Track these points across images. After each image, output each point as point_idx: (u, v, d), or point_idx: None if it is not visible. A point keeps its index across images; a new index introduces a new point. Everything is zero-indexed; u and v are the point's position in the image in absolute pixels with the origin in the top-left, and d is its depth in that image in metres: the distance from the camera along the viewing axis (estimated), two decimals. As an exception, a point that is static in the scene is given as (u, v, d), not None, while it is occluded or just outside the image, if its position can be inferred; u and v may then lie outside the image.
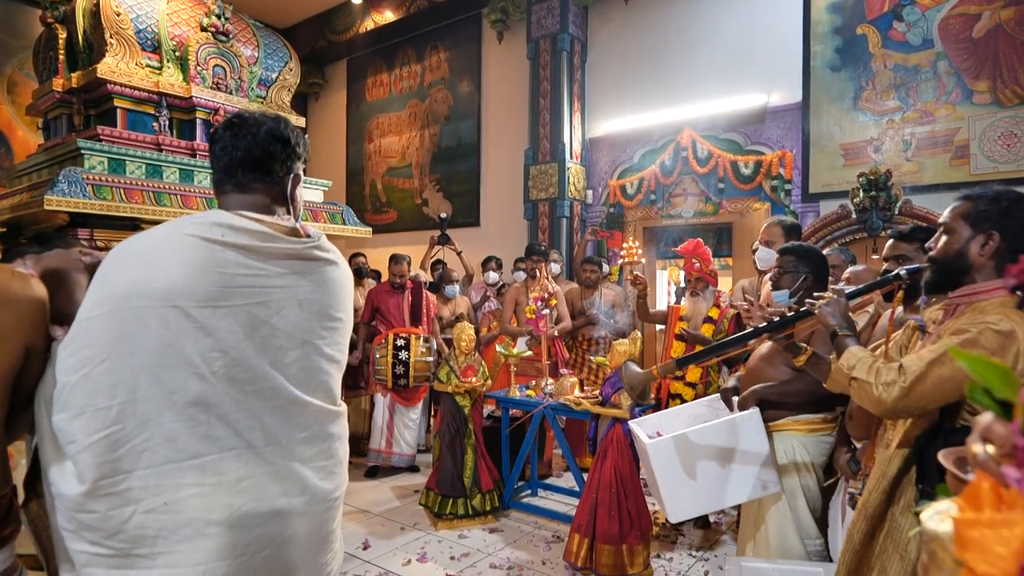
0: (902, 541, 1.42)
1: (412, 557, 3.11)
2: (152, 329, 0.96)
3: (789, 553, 2.13)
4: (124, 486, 0.95)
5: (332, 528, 1.17)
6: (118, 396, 0.95)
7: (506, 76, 6.60)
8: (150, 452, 0.96)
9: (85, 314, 0.98)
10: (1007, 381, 0.37)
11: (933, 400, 1.33)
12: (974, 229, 1.36)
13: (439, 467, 3.60)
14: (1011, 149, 4.10)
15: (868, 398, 1.41)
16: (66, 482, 0.94)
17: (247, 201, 1.13)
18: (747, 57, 5.11)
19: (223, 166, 1.13)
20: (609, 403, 3.13)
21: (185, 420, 0.97)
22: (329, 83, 8.46)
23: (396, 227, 7.54)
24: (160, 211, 3.76)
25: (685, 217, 5.42)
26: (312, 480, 1.11)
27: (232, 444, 1.01)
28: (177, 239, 1.02)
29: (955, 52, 4.28)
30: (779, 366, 2.27)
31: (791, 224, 3.02)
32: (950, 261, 1.40)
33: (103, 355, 0.95)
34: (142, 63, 4.08)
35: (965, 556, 0.37)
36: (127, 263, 1.01)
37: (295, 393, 1.08)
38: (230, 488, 1.00)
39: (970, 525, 0.37)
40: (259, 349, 1.04)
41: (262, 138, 1.13)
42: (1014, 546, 0.35)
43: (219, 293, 1.00)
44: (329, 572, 1.19)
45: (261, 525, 1.03)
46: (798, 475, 2.17)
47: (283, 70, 4.92)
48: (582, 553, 2.87)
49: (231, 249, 1.03)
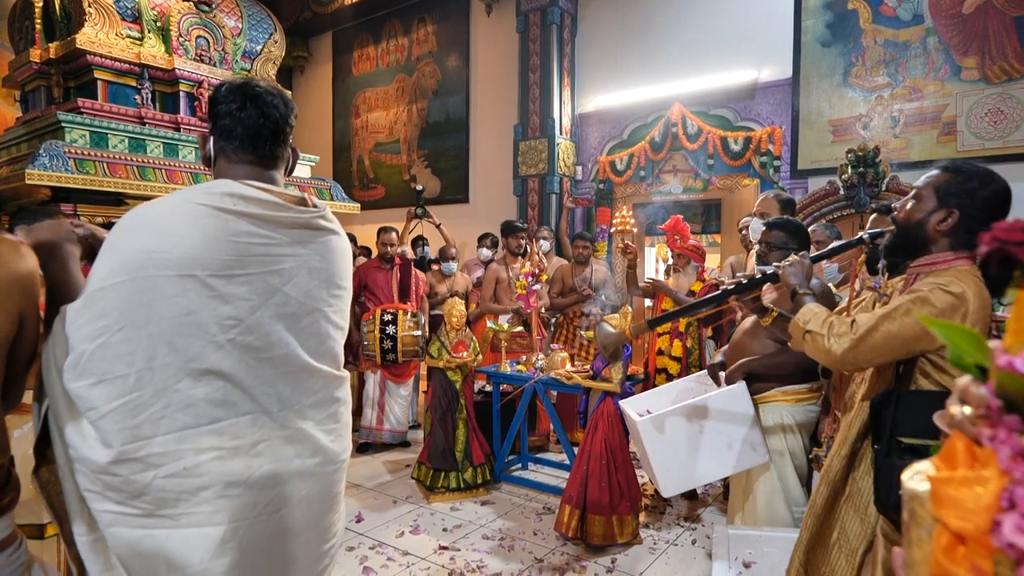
0: (862, 504, 1.47)
1: (405, 529, 3.17)
2: (169, 298, 0.97)
3: (777, 521, 2.20)
4: (144, 452, 0.97)
5: (339, 489, 1.22)
6: (136, 364, 0.96)
7: (495, 50, 6.50)
8: (168, 418, 0.98)
9: (99, 283, 0.98)
10: (979, 347, 0.39)
11: (881, 354, 1.36)
12: (939, 202, 1.38)
13: (431, 441, 3.64)
14: (997, 126, 4.13)
15: (820, 349, 1.45)
16: (89, 447, 0.96)
17: (256, 172, 1.14)
18: (738, 32, 5.08)
19: (237, 135, 1.12)
20: (600, 377, 3.17)
21: (203, 386, 1.00)
22: (314, 56, 8.30)
23: (384, 203, 7.49)
24: (144, 186, 3.70)
25: (674, 193, 5.43)
26: (324, 442, 1.15)
27: (248, 409, 1.05)
28: (190, 209, 1.02)
29: (945, 28, 4.28)
30: (763, 340, 2.32)
31: (787, 199, 3.04)
32: (910, 229, 1.42)
33: (120, 324, 0.96)
34: (122, 33, 3.98)
35: (940, 512, 0.39)
36: (140, 232, 1.01)
37: (306, 359, 1.11)
38: (247, 451, 1.04)
39: (945, 483, 0.39)
40: (274, 316, 1.07)
41: (285, 111, 1.15)
42: (986, 501, 0.37)
43: (235, 262, 1.02)
44: (336, 531, 1.24)
45: (278, 486, 1.07)
46: (786, 444, 2.23)
47: (268, 42, 4.82)
48: (573, 524, 2.93)
49: (243, 219, 1.04)
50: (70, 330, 0.98)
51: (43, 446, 1.02)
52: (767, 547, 2.11)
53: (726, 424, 2.21)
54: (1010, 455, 0.37)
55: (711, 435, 2.20)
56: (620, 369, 3.11)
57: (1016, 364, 0.37)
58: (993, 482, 0.37)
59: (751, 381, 2.26)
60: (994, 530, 0.37)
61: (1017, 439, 0.38)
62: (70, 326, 0.98)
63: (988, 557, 0.37)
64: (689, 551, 2.95)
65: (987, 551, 0.37)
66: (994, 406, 0.39)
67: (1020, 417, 0.38)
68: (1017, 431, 0.38)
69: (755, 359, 2.28)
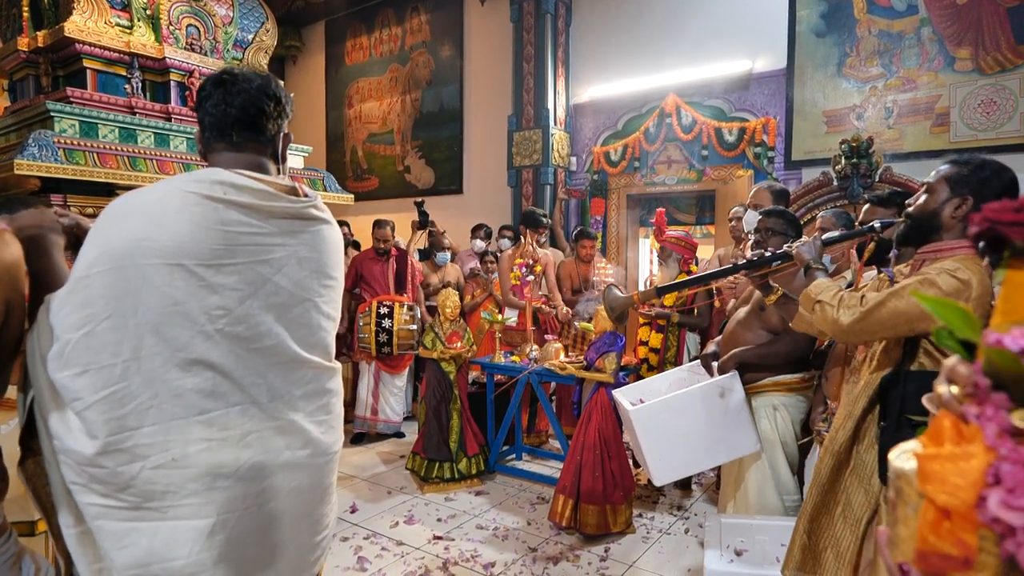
0: (866, 475, 1.51)
1: (400, 519, 3.18)
2: (157, 287, 0.96)
3: (768, 509, 2.22)
4: (131, 443, 0.96)
5: (331, 481, 1.21)
6: (122, 354, 0.95)
7: (489, 40, 6.46)
8: (156, 409, 0.97)
9: (85, 270, 0.96)
10: (968, 322, 0.39)
11: (886, 329, 1.42)
12: (952, 192, 1.43)
13: (425, 432, 3.65)
14: (990, 117, 4.14)
15: (828, 319, 1.51)
16: (74, 438, 0.95)
17: (242, 160, 1.12)
18: (733, 22, 5.06)
19: (215, 124, 1.11)
20: (593, 367, 3.18)
21: (191, 377, 0.99)
22: (307, 46, 8.22)
23: (378, 194, 7.45)
24: (135, 176, 3.67)
25: (668, 184, 5.43)
26: (314, 434, 1.14)
27: (238, 400, 1.04)
28: (179, 196, 1.01)
29: (939, 18, 4.28)
30: (756, 330, 2.33)
31: (780, 189, 3.05)
32: (924, 218, 1.47)
33: (106, 312, 0.95)
34: (111, 22, 3.93)
35: (927, 488, 0.40)
36: (128, 219, 0.99)
37: (296, 350, 1.11)
38: (237, 442, 1.03)
39: (932, 459, 0.40)
40: (263, 307, 1.06)
41: (255, 95, 1.11)
42: (971, 477, 0.38)
43: (224, 251, 1.01)
44: (328, 523, 1.23)
45: (268, 477, 1.06)
46: (777, 432, 2.24)
47: (259, 31, 4.77)
48: (567, 513, 2.95)
49: (234, 208, 1.03)
50: (55, 319, 0.96)
51: (29, 438, 1.01)
52: (759, 535, 2.13)
53: (718, 413, 2.22)
54: (996, 431, 0.38)
55: (703, 424, 2.21)
56: (614, 360, 3.12)
57: (1005, 341, 0.37)
58: (979, 458, 0.38)
59: (743, 371, 2.28)
60: (979, 505, 0.37)
61: (1003, 416, 0.38)
62: (55, 315, 0.97)
63: (973, 532, 0.38)
64: (682, 540, 2.97)
65: (972, 526, 0.38)
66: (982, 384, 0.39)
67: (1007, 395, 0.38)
68: (1004, 408, 0.38)
69: (748, 349, 2.29)
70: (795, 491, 2.25)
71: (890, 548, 0.45)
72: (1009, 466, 0.37)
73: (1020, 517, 0.35)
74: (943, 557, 0.39)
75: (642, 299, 2.12)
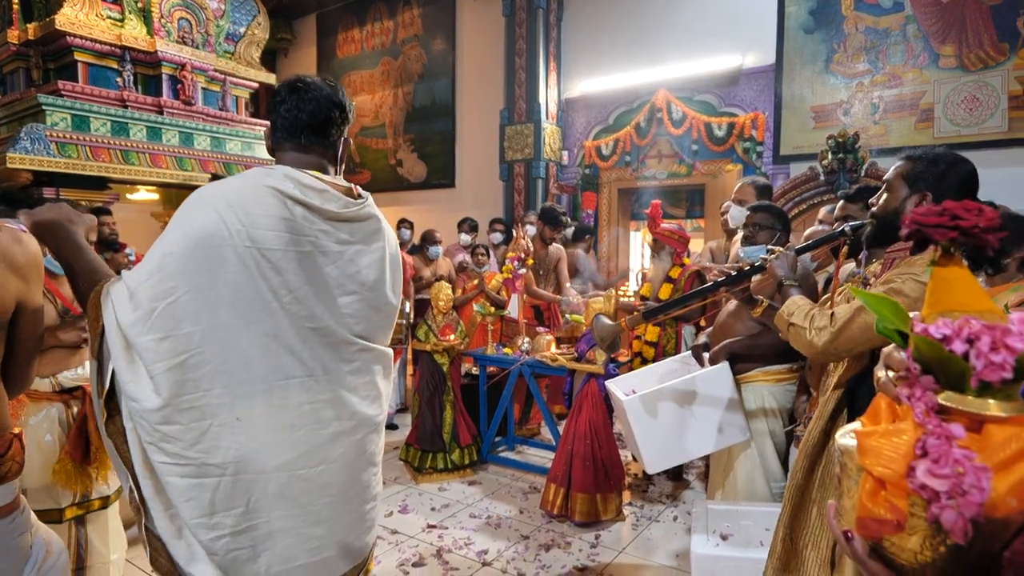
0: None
1: (394, 509, 3.23)
2: (231, 266, 1.08)
3: (757, 496, 2.28)
4: (203, 402, 1.08)
5: (374, 449, 1.34)
6: (201, 323, 1.06)
7: (481, 34, 6.48)
8: (227, 373, 1.09)
9: (168, 248, 1.08)
10: (898, 314, 0.44)
11: (859, 344, 1.45)
12: (911, 188, 1.44)
13: (419, 423, 3.70)
14: (973, 113, 4.22)
15: (802, 342, 1.54)
16: (147, 398, 1.06)
17: (307, 161, 1.23)
18: (723, 18, 5.11)
19: (287, 127, 1.23)
20: (584, 359, 3.24)
21: (258, 348, 1.11)
22: (298, 39, 8.20)
23: (370, 188, 7.34)
24: (128, 169, 3.68)
25: (659, 178, 5.49)
26: (359, 406, 1.26)
27: (297, 373, 1.15)
28: (255, 188, 1.13)
29: (924, 15, 4.35)
30: (747, 321, 2.38)
31: (764, 185, 3.11)
32: (888, 218, 1.49)
33: (187, 286, 1.06)
34: (103, 15, 3.92)
35: (865, 462, 0.45)
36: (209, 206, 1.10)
37: (345, 334, 1.22)
38: (293, 411, 1.15)
39: (869, 436, 0.45)
40: (317, 293, 1.17)
41: (324, 103, 1.22)
42: (903, 450, 0.43)
43: (289, 239, 1.12)
44: (374, 492, 1.35)
45: (318, 444, 1.18)
46: (766, 421, 2.30)
47: (251, 24, 4.77)
48: (558, 502, 3.02)
49: (298, 203, 1.14)
50: (139, 289, 1.06)
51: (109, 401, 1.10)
52: (744, 520, 2.20)
53: (709, 403, 2.27)
54: (924, 410, 0.43)
55: (695, 414, 2.26)
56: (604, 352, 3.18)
57: (930, 330, 0.43)
58: (909, 433, 0.43)
59: (734, 361, 2.33)
60: (910, 475, 0.43)
61: (930, 396, 0.43)
62: (139, 286, 1.06)
63: (904, 498, 0.43)
64: (671, 527, 3.04)
65: (904, 493, 0.43)
66: (912, 368, 0.44)
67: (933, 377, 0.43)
68: (930, 389, 0.43)
69: (738, 340, 2.35)
70: (782, 478, 2.32)
71: (837, 519, 0.50)
72: (934, 440, 0.42)
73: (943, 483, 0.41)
74: (880, 521, 0.44)
75: (631, 325, 2.15)
